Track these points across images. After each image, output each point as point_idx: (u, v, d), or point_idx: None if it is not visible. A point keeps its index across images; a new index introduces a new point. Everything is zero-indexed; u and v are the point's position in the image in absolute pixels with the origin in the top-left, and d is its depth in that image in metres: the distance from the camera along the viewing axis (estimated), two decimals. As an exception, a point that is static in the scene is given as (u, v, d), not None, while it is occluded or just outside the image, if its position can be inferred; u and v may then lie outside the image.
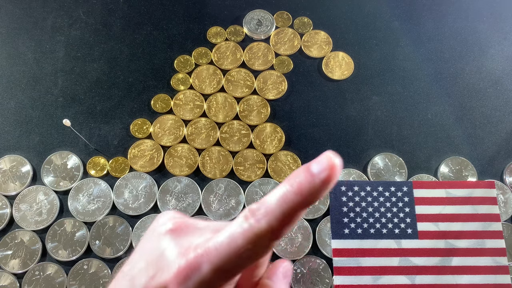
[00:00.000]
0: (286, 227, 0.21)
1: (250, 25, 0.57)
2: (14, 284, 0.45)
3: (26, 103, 0.52)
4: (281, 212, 0.20)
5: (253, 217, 0.20)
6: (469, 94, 0.55)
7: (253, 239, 0.20)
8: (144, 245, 0.24)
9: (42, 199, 0.48)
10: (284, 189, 0.21)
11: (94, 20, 0.57)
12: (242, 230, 0.20)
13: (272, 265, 0.25)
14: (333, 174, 0.20)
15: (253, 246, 0.20)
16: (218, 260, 0.20)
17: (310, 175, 0.20)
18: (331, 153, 0.20)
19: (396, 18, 0.59)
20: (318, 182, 0.20)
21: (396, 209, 0.48)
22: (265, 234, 0.20)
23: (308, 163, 0.21)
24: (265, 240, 0.20)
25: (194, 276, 0.20)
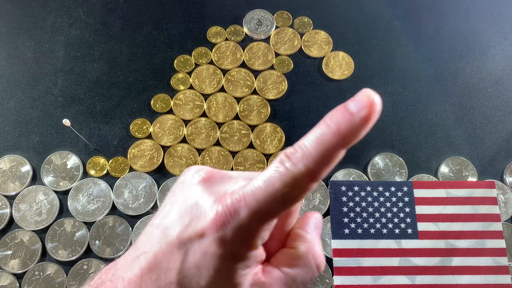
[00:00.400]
0: (325, 169, 0.20)
1: (250, 25, 0.57)
2: (14, 284, 0.45)
3: (26, 103, 0.52)
4: (319, 154, 0.20)
5: (289, 160, 0.20)
6: (470, 94, 0.55)
7: (291, 182, 0.20)
8: (174, 197, 0.23)
9: (42, 199, 0.48)
10: (321, 130, 0.20)
11: (94, 20, 0.57)
12: (279, 174, 0.20)
13: (303, 216, 0.25)
14: (373, 111, 0.19)
15: (291, 189, 0.20)
16: (256, 204, 0.20)
17: (349, 114, 0.20)
18: (370, 90, 0.19)
19: (397, 18, 0.58)
20: (358, 120, 0.19)
21: (396, 209, 0.48)
22: (303, 176, 0.20)
23: (345, 102, 0.20)
24: (303, 183, 0.20)
25: (232, 221, 0.20)
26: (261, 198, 0.20)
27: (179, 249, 0.21)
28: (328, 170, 0.20)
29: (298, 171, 0.20)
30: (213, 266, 0.20)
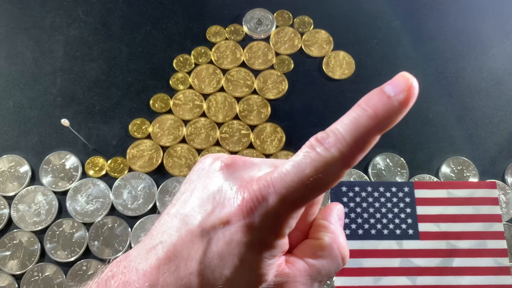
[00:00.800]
0: (359, 155, 0.19)
1: (250, 24, 0.57)
2: (12, 285, 0.45)
3: (24, 103, 0.52)
4: (353, 139, 0.19)
5: (321, 145, 0.19)
6: (471, 94, 0.55)
7: (323, 168, 0.19)
8: (192, 184, 0.22)
9: (40, 200, 0.48)
10: (355, 114, 0.19)
11: (93, 19, 0.56)
12: (310, 160, 0.19)
13: (326, 207, 0.24)
14: (412, 95, 0.18)
15: (323, 175, 0.19)
16: (285, 190, 0.19)
17: (387, 97, 0.19)
18: (407, 74, 0.19)
19: (397, 18, 0.58)
20: (396, 104, 0.18)
21: (397, 210, 0.48)
22: (336, 162, 0.19)
23: (381, 86, 0.19)
24: (336, 169, 0.19)
25: (260, 207, 0.19)
26: (291, 184, 0.19)
27: (201, 238, 0.20)
28: (362, 155, 0.19)
29: (331, 157, 0.19)
30: (239, 254, 0.19)
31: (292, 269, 0.21)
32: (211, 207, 0.20)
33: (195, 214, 0.20)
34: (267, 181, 0.19)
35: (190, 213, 0.21)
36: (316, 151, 0.19)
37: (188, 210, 0.21)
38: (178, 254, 0.20)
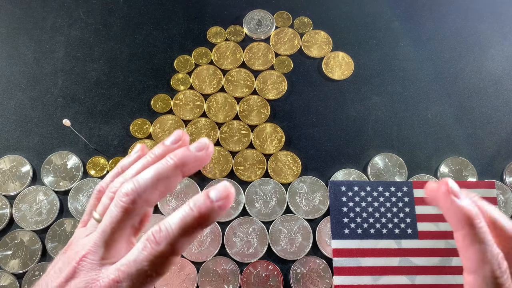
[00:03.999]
0: (185, 245, 0.25)
1: (250, 25, 0.57)
2: (14, 284, 0.45)
3: (26, 103, 0.52)
4: (181, 234, 0.24)
5: (154, 239, 0.24)
6: (469, 94, 0.55)
7: (157, 259, 0.24)
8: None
9: (42, 199, 0.48)
10: (184, 213, 0.24)
11: (94, 20, 0.57)
12: (146, 254, 0.24)
13: None
14: (229, 202, 0.24)
15: (157, 264, 0.24)
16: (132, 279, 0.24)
17: (210, 201, 0.24)
18: (227, 183, 0.25)
19: (396, 18, 0.59)
20: (216, 208, 0.24)
21: (396, 209, 0.48)
22: (165, 254, 0.24)
23: (208, 190, 0.25)
24: (166, 259, 0.24)
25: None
26: (135, 275, 0.24)
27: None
28: (190, 244, 0.25)
29: (161, 250, 0.24)
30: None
31: None
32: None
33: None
34: (118, 273, 0.25)
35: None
36: (149, 245, 0.24)
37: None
38: None
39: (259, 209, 0.48)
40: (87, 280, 0.25)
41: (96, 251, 0.26)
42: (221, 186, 0.24)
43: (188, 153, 0.27)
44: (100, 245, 0.26)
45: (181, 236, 0.24)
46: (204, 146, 0.28)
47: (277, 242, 0.47)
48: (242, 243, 0.47)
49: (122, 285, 0.24)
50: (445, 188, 0.25)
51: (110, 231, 0.26)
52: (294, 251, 0.47)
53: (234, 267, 0.46)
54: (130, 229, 0.28)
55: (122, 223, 0.27)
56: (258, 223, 0.48)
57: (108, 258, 0.26)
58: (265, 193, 0.49)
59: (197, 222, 0.24)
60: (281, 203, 0.49)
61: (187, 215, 0.24)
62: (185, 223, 0.24)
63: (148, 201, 0.27)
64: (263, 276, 0.46)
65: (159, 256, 0.24)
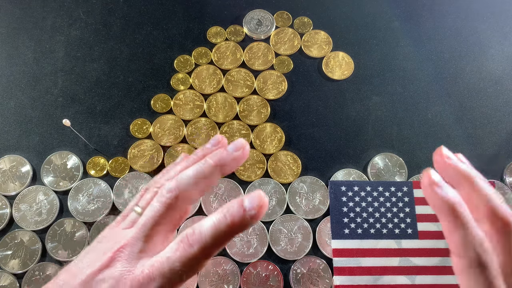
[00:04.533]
0: (217, 250, 0.25)
1: (250, 25, 0.57)
2: (14, 284, 0.45)
3: (26, 103, 0.52)
4: (213, 239, 0.25)
5: (188, 242, 0.25)
6: (469, 94, 0.55)
7: (188, 261, 0.25)
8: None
9: (42, 199, 0.48)
10: (218, 219, 0.25)
11: (94, 20, 0.57)
12: (179, 255, 0.25)
13: None
14: (262, 212, 0.25)
15: (189, 266, 0.25)
16: (163, 277, 0.25)
17: (243, 210, 0.25)
18: (262, 193, 0.25)
19: (396, 18, 0.58)
20: (248, 217, 0.24)
21: (396, 209, 0.48)
22: (197, 257, 0.25)
23: (242, 197, 0.25)
24: (197, 261, 0.25)
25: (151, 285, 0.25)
26: (167, 273, 0.25)
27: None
28: (221, 249, 0.25)
29: (193, 253, 0.25)
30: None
31: None
32: None
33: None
34: (151, 269, 0.25)
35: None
36: (183, 246, 0.25)
37: (82, 287, 0.26)
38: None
39: (259, 209, 0.48)
40: (122, 271, 0.26)
41: (135, 243, 0.27)
42: (255, 195, 0.25)
43: (226, 153, 0.29)
44: (140, 238, 0.27)
45: (213, 241, 0.25)
46: (240, 146, 0.29)
47: (277, 242, 0.47)
48: (242, 243, 0.47)
49: (154, 281, 0.25)
50: (427, 180, 0.27)
51: (151, 225, 0.27)
52: (294, 251, 0.47)
53: (234, 267, 0.46)
54: (169, 224, 0.28)
55: (162, 218, 0.28)
56: (258, 223, 0.48)
57: (146, 252, 0.27)
58: (265, 193, 0.49)
59: (229, 230, 0.25)
60: (281, 203, 0.49)
61: (220, 222, 0.25)
62: (218, 229, 0.25)
63: (189, 198, 0.28)
64: (263, 276, 0.46)
65: (191, 258, 0.25)
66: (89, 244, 0.30)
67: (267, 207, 0.25)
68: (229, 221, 0.24)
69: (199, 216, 0.48)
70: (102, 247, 0.28)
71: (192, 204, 0.30)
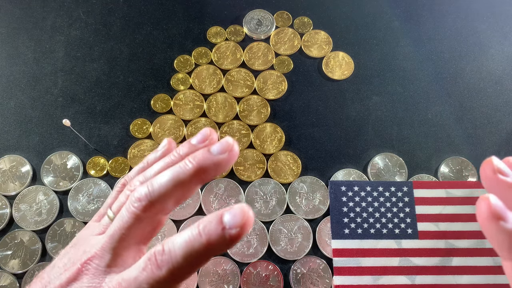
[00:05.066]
0: (189, 273, 0.22)
1: (250, 25, 0.57)
2: (14, 284, 0.45)
3: (25, 103, 0.52)
4: (184, 260, 0.21)
5: (155, 261, 0.22)
6: (469, 94, 0.55)
7: (154, 284, 0.22)
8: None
9: (42, 199, 0.48)
10: (192, 236, 0.21)
11: (94, 20, 0.57)
12: (145, 276, 0.22)
13: None
14: (245, 231, 0.20)
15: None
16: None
17: (222, 228, 0.20)
18: (246, 206, 0.21)
19: (396, 18, 0.58)
20: (227, 236, 0.20)
21: (396, 209, 0.48)
22: (166, 280, 0.21)
23: (222, 211, 0.21)
24: (167, 285, 0.22)
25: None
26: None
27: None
28: (193, 273, 0.22)
29: (162, 275, 0.21)
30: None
31: None
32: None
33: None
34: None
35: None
36: (150, 268, 0.22)
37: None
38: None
39: (259, 209, 0.48)
40: (88, 286, 0.24)
41: (102, 256, 0.25)
42: (238, 209, 0.21)
43: (209, 156, 0.24)
44: (108, 250, 0.25)
45: (185, 262, 0.21)
46: (227, 148, 0.24)
47: (277, 242, 0.47)
48: (242, 243, 0.47)
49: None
50: (487, 210, 0.20)
51: (119, 237, 0.25)
52: (294, 251, 0.47)
53: (234, 267, 0.46)
54: (140, 237, 0.26)
55: (131, 231, 0.25)
56: (258, 223, 0.48)
57: (114, 266, 0.25)
58: (265, 193, 0.49)
59: (204, 250, 0.21)
60: (281, 203, 0.49)
61: (194, 240, 0.21)
62: (191, 249, 0.21)
63: (162, 209, 0.25)
64: (263, 276, 0.46)
65: (159, 281, 0.22)
66: (65, 248, 0.29)
67: (252, 225, 0.21)
68: (204, 240, 0.20)
69: (198, 216, 0.48)
70: (73, 255, 0.27)
71: (167, 214, 0.26)
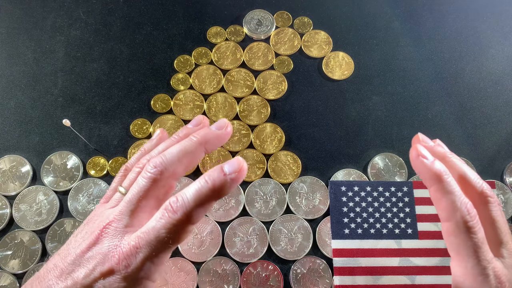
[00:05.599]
0: (200, 214, 0.26)
1: (250, 25, 0.57)
2: (14, 284, 0.45)
3: (25, 103, 0.52)
4: (195, 203, 0.25)
5: (172, 209, 0.26)
6: (469, 94, 0.55)
7: (173, 227, 0.25)
8: (80, 239, 0.30)
9: (42, 199, 0.48)
10: (200, 184, 0.26)
11: (94, 20, 0.57)
12: (163, 223, 0.25)
13: None
14: (241, 175, 0.26)
15: (174, 232, 0.25)
16: (149, 247, 0.26)
17: (223, 175, 0.26)
18: (241, 158, 0.27)
19: (396, 18, 0.59)
20: (228, 180, 0.26)
21: (396, 209, 0.48)
22: (181, 222, 0.25)
23: (222, 164, 0.27)
24: (182, 227, 0.26)
25: (134, 259, 0.26)
26: (153, 243, 0.26)
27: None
28: (203, 216, 0.26)
29: (178, 218, 0.25)
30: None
31: None
32: (93, 264, 0.26)
33: (80, 269, 0.26)
34: (137, 240, 0.26)
35: (74, 268, 0.27)
36: (167, 214, 0.26)
37: (72, 266, 0.27)
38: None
39: (259, 209, 0.48)
40: (110, 246, 0.26)
41: (120, 219, 0.28)
42: (234, 160, 0.26)
43: (209, 131, 0.30)
44: (126, 213, 0.28)
45: (196, 206, 0.26)
46: (223, 125, 0.31)
47: (277, 242, 0.47)
48: (242, 243, 0.47)
49: (141, 251, 0.26)
50: (415, 153, 0.29)
51: (136, 200, 0.28)
52: (294, 251, 0.47)
53: (234, 267, 0.46)
54: (154, 200, 0.29)
55: (148, 193, 0.28)
56: (258, 223, 0.48)
57: (132, 226, 0.28)
58: (265, 193, 0.49)
59: (211, 194, 0.26)
60: (281, 203, 0.49)
61: (202, 187, 0.26)
62: (200, 194, 0.26)
63: (174, 173, 0.29)
64: (263, 276, 0.46)
65: (176, 224, 0.25)
66: (77, 229, 0.31)
67: (246, 171, 0.27)
68: (210, 185, 0.26)
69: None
70: (89, 228, 0.29)
71: (177, 179, 0.30)
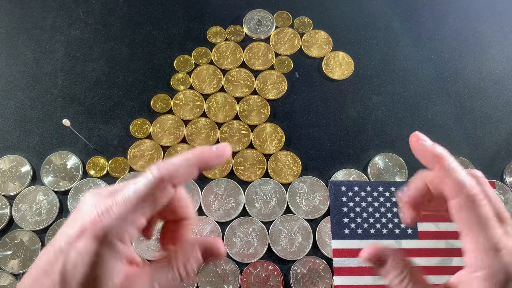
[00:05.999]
0: (183, 178, 0.26)
1: (250, 25, 0.57)
2: (13, 284, 0.45)
3: (25, 103, 0.52)
4: (181, 166, 0.26)
5: (156, 166, 0.26)
6: (469, 94, 0.55)
7: (155, 186, 0.25)
8: None
9: (41, 199, 0.48)
10: (188, 153, 0.27)
11: (94, 20, 0.57)
12: (146, 180, 0.25)
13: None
14: (226, 151, 0.28)
15: (156, 191, 0.25)
16: (126, 211, 0.25)
17: (210, 148, 0.28)
18: (227, 143, 0.29)
19: (396, 18, 0.58)
20: (214, 153, 0.28)
21: (397, 209, 0.48)
22: (162, 180, 0.25)
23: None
24: (165, 185, 0.25)
25: (108, 218, 0.25)
26: (131, 207, 0.25)
27: (60, 254, 0.24)
28: (184, 181, 0.27)
29: (161, 175, 0.25)
30: (90, 260, 0.24)
31: None
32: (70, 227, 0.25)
33: (60, 238, 0.25)
34: (111, 203, 0.25)
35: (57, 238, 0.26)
36: (152, 172, 0.26)
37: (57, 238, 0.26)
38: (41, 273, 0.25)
39: (259, 209, 0.48)
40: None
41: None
42: (221, 144, 0.29)
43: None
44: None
45: (181, 168, 0.26)
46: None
47: (277, 242, 0.47)
48: (242, 243, 0.47)
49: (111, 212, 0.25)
50: (415, 138, 0.31)
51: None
52: (294, 251, 0.47)
53: (234, 267, 0.46)
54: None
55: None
56: (258, 223, 0.48)
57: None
58: (265, 193, 0.49)
59: (196, 162, 0.27)
60: (281, 203, 0.49)
61: (190, 154, 0.27)
62: (187, 160, 0.27)
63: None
64: (263, 277, 0.46)
65: (160, 182, 0.25)
66: None
67: (231, 151, 0.29)
68: (197, 154, 0.27)
69: (199, 216, 0.48)
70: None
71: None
